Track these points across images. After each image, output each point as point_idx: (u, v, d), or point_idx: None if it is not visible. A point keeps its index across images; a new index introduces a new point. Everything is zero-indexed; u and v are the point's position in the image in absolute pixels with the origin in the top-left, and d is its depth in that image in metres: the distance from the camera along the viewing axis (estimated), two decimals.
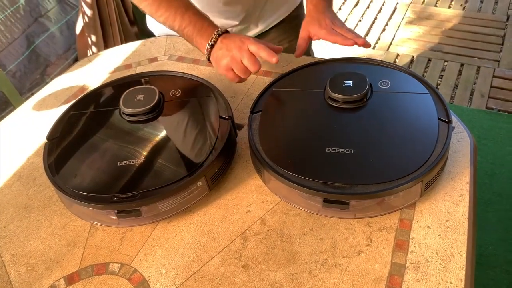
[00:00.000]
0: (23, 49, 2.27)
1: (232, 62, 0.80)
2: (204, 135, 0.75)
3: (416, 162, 0.65)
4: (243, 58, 0.79)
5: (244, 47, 0.79)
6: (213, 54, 0.83)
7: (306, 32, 0.93)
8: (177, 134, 0.77)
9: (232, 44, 0.80)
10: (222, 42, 0.82)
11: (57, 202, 0.76)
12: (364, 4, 2.66)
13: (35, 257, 0.69)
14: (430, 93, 0.75)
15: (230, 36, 0.82)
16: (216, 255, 0.66)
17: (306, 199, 0.67)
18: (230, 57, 0.80)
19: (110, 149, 0.75)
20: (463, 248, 0.62)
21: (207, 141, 0.74)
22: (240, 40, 0.80)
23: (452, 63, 2.19)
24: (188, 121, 0.78)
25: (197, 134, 0.76)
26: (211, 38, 0.82)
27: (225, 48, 0.81)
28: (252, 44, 0.79)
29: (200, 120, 0.78)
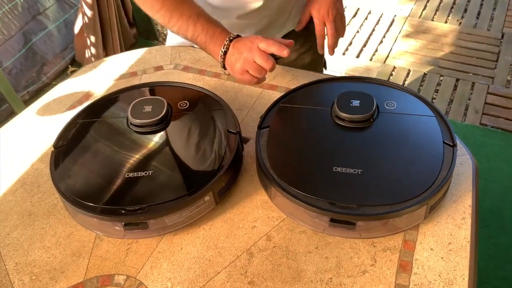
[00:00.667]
0: (20, 46, 2.26)
1: (245, 64, 0.81)
2: (212, 149, 0.76)
3: (422, 185, 0.67)
4: (255, 57, 0.80)
5: (254, 46, 0.80)
6: (227, 60, 0.84)
7: (309, 9, 1.03)
8: (185, 147, 0.77)
9: (243, 47, 0.81)
10: (234, 47, 0.83)
11: (62, 210, 0.76)
12: (363, 15, 2.68)
13: (39, 266, 0.69)
14: (436, 116, 0.77)
15: (241, 39, 0.84)
16: (222, 271, 0.66)
17: (313, 218, 0.68)
18: (242, 59, 0.81)
19: (117, 159, 0.75)
20: (466, 271, 0.64)
21: (215, 155, 0.74)
22: (250, 41, 0.81)
23: (448, 78, 2.22)
24: (196, 134, 0.79)
25: (205, 148, 0.76)
26: (223, 45, 0.83)
27: (237, 52, 0.82)
28: (262, 42, 0.80)
29: (208, 133, 0.79)
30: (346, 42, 2.49)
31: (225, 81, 0.98)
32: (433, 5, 2.71)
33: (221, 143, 0.76)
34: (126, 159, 0.74)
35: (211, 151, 0.75)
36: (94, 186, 0.72)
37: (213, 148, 0.76)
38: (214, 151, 0.75)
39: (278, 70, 0.99)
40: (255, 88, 0.96)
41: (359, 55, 2.41)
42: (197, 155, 0.76)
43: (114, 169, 0.73)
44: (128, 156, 0.75)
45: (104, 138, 0.78)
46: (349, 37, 2.53)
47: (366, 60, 2.38)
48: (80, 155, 0.76)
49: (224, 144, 0.75)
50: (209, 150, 0.76)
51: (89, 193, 0.70)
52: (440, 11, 2.67)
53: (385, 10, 2.70)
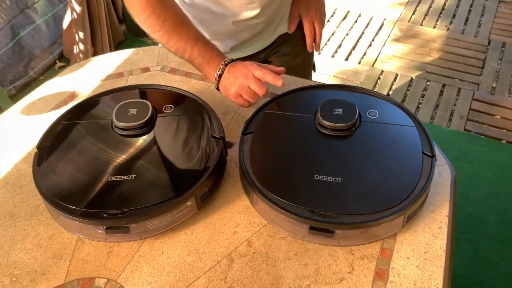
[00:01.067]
0: (7, 40, 2.23)
1: (240, 89, 0.85)
2: (195, 154, 0.76)
3: (400, 195, 0.68)
4: (250, 84, 0.83)
5: (249, 73, 0.83)
6: (222, 83, 0.88)
7: (296, 10, 1.08)
8: (169, 152, 0.77)
9: (238, 72, 0.84)
10: (229, 72, 0.86)
11: (44, 211, 0.76)
12: (353, 18, 2.70)
13: (19, 268, 0.69)
14: (416, 126, 0.78)
15: (236, 64, 0.87)
16: (202, 275, 0.67)
17: (293, 224, 0.69)
18: (238, 84, 0.84)
19: (100, 162, 0.75)
20: (440, 280, 0.65)
21: (198, 160, 0.75)
22: (245, 67, 0.84)
23: (434, 83, 2.25)
24: (180, 139, 0.79)
25: (188, 153, 0.77)
26: (218, 68, 0.87)
27: (232, 76, 0.85)
28: (257, 70, 0.83)
29: (192, 138, 0.79)
30: (335, 45, 2.50)
31: (211, 84, 0.99)
32: (422, 10, 2.74)
33: (204, 148, 0.77)
34: (109, 162, 0.75)
35: (195, 156, 0.76)
36: (76, 189, 0.72)
37: (197, 153, 0.76)
38: (198, 156, 0.76)
39: None
40: None
41: (348, 58, 2.43)
42: (180, 160, 0.76)
43: (97, 172, 0.73)
44: (111, 159, 0.75)
45: (88, 141, 0.79)
46: (338, 39, 2.54)
47: (354, 63, 2.39)
48: (64, 157, 0.76)
49: (208, 149, 0.76)
50: (193, 155, 0.76)
51: (71, 196, 0.71)
52: (429, 16, 2.69)
53: (375, 14, 2.72)
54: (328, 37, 2.56)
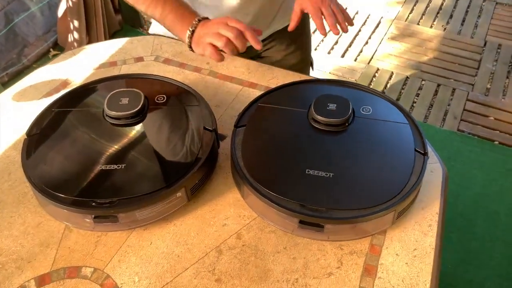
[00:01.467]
0: (1, 26, 2.21)
1: (214, 37, 0.82)
2: (187, 145, 0.76)
3: (391, 192, 0.68)
4: (227, 32, 0.80)
5: (227, 23, 0.81)
6: (194, 38, 0.85)
7: (299, 5, 0.96)
8: (160, 142, 0.77)
9: (214, 25, 0.82)
10: (202, 26, 0.84)
11: (32, 199, 0.76)
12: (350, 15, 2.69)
13: (5, 255, 0.69)
14: (409, 124, 0.78)
15: (209, 20, 0.84)
16: (189, 267, 0.67)
17: (282, 218, 0.69)
18: (211, 33, 0.82)
19: (90, 151, 0.74)
20: (428, 277, 0.65)
21: (189, 151, 0.74)
22: (221, 19, 0.82)
23: (429, 83, 2.25)
24: (172, 129, 0.79)
25: (180, 144, 0.76)
26: (192, 24, 0.85)
27: (205, 28, 0.83)
28: (234, 21, 0.81)
29: (184, 129, 0.79)
30: (332, 42, 2.50)
31: (205, 76, 0.98)
32: (420, 9, 2.74)
33: (196, 139, 0.76)
34: (99, 151, 0.74)
35: (186, 147, 0.75)
36: (65, 177, 0.71)
37: (188, 144, 0.76)
38: (189, 147, 0.75)
39: (258, 68, 1.00)
40: (235, 85, 0.96)
41: (344, 55, 2.43)
42: (171, 151, 0.76)
43: (86, 160, 0.73)
44: (101, 148, 0.75)
45: (78, 129, 0.78)
46: (335, 36, 2.54)
47: (350, 61, 2.39)
48: (53, 145, 0.76)
49: (200, 141, 0.76)
50: (184, 146, 0.76)
51: (60, 184, 0.70)
52: (426, 15, 2.69)
53: (372, 12, 2.72)
54: None
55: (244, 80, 0.97)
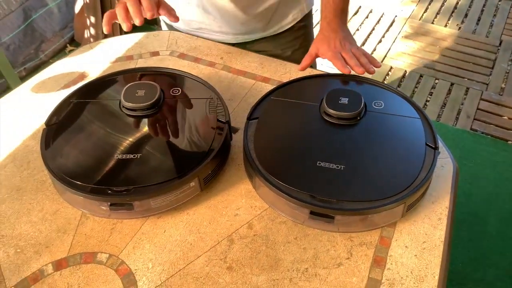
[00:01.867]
0: (19, 22, 2.25)
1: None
2: (200, 136, 0.77)
3: (401, 184, 0.69)
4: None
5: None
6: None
7: (315, 49, 0.95)
8: (174, 133, 0.78)
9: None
10: None
11: (50, 187, 0.78)
12: (364, 14, 2.69)
13: (24, 240, 0.71)
14: (421, 118, 0.78)
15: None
16: (202, 255, 0.68)
17: (293, 209, 0.70)
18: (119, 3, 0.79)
19: (107, 141, 0.76)
20: (437, 270, 0.66)
21: (203, 143, 0.76)
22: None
23: (443, 82, 2.24)
24: (186, 121, 0.80)
25: (194, 135, 0.78)
26: None
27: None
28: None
29: (198, 121, 0.80)
30: None
31: (219, 70, 1.00)
32: (434, 8, 2.72)
33: (210, 131, 0.78)
34: (115, 141, 0.76)
35: (200, 139, 0.77)
36: (82, 165, 0.73)
37: (202, 136, 0.77)
38: (203, 138, 0.77)
39: (271, 63, 1.01)
40: (248, 80, 0.97)
41: None
42: (185, 142, 0.77)
43: (103, 150, 0.75)
44: (118, 138, 0.76)
45: (95, 119, 0.80)
46: None
47: None
48: (71, 134, 0.78)
49: (213, 132, 0.77)
50: (198, 137, 0.77)
51: (77, 172, 0.72)
52: (441, 14, 2.68)
53: (386, 10, 2.71)
54: None
55: (257, 74, 0.98)
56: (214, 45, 1.07)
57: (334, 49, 0.91)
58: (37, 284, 0.66)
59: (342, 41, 0.93)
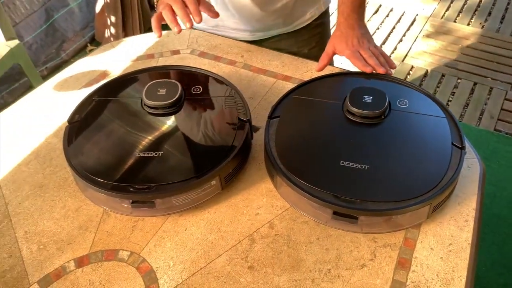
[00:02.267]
0: (41, 22, 2.29)
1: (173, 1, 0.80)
2: (221, 135, 0.77)
3: (427, 185, 0.67)
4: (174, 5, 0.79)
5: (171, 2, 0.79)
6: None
7: (331, 47, 0.92)
8: (196, 131, 0.78)
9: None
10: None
11: (72, 184, 0.78)
12: (384, 13, 2.66)
13: (47, 237, 0.71)
14: (447, 117, 0.77)
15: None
16: (223, 253, 0.68)
17: (316, 209, 0.69)
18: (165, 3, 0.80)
19: (128, 138, 0.76)
20: (463, 273, 0.64)
21: (224, 141, 0.76)
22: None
23: (465, 81, 2.20)
24: (207, 120, 0.80)
25: (215, 133, 0.77)
26: None
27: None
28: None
29: (219, 119, 0.80)
30: None
31: (239, 69, 0.99)
32: (456, 6, 2.67)
33: (231, 130, 0.77)
34: (137, 139, 0.76)
35: (221, 137, 0.77)
36: (104, 163, 0.74)
37: (223, 134, 0.77)
38: (224, 137, 0.76)
39: (292, 62, 1.00)
40: (269, 78, 0.96)
41: None
42: (206, 140, 0.77)
43: (125, 147, 0.75)
44: (139, 136, 0.76)
45: (117, 117, 0.80)
46: None
47: None
48: (93, 132, 0.78)
49: (234, 131, 0.76)
50: (219, 136, 0.77)
51: (99, 169, 0.72)
52: (464, 13, 2.63)
53: (407, 9, 2.67)
54: None
55: (278, 73, 0.97)
56: (235, 43, 1.06)
57: (352, 47, 0.89)
58: (60, 281, 0.66)
59: (360, 39, 0.90)
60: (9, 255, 0.69)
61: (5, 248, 0.70)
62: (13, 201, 0.76)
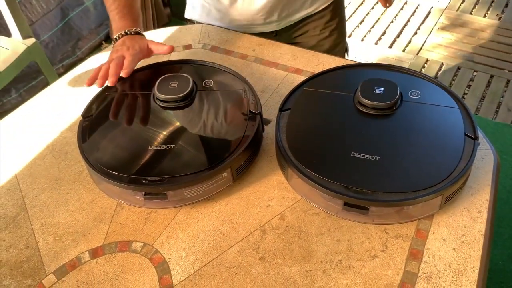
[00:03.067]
0: (57, 20, 2.32)
1: (109, 57, 0.87)
2: (232, 127, 0.77)
3: (439, 175, 0.67)
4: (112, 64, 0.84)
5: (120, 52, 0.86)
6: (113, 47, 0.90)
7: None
8: (207, 124, 0.79)
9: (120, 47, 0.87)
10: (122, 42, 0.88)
11: (87, 177, 0.80)
12: (398, 6, 2.63)
13: (63, 228, 0.73)
14: (459, 108, 0.76)
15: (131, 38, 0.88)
16: (234, 245, 0.68)
17: (327, 200, 0.69)
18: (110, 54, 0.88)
19: (141, 132, 0.77)
20: (476, 264, 0.64)
21: (235, 134, 0.76)
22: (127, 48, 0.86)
23: (482, 74, 2.17)
24: (219, 113, 0.80)
25: (226, 126, 0.78)
26: (120, 32, 0.89)
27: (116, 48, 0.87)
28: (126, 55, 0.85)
29: (230, 112, 0.80)
30: (379, 32, 2.45)
31: (251, 62, 0.99)
32: None
33: (242, 122, 0.77)
34: (150, 132, 0.77)
35: (232, 130, 0.77)
36: (118, 156, 0.75)
37: (234, 127, 0.77)
38: (235, 129, 0.77)
39: (304, 55, 1.00)
40: (280, 71, 0.96)
41: (391, 45, 2.38)
42: (218, 133, 0.77)
43: (138, 140, 0.76)
44: (152, 129, 0.77)
45: (129, 111, 0.81)
46: (383, 27, 2.49)
47: (398, 51, 2.34)
48: (107, 126, 0.79)
49: (245, 123, 0.77)
50: (230, 129, 0.77)
51: (113, 162, 0.73)
52: (480, 4, 2.59)
53: (421, 1, 2.64)
54: (372, 24, 2.51)
55: (289, 66, 0.97)
56: (246, 37, 1.06)
57: None
58: (75, 271, 0.67)
59: None
60: (26, 246, 0.71)
61: (22, 240, 0.72)
62: (30, 194, 0.78)
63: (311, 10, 1.10)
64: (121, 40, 0.89)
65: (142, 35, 0.92)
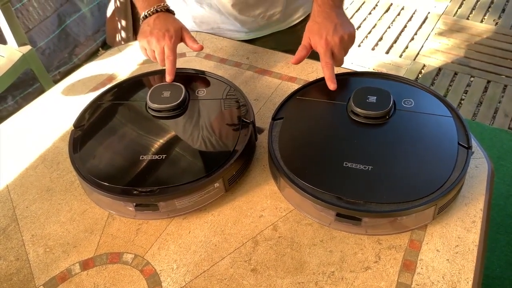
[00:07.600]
0: (54, 27, 2.32)
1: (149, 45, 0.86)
2: (225, 137, 0.77)
3: (432, 186, 0.66)
4: (155, 49, 0.84)
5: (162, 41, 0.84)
6: (142, 25, 0.88)
7: (307, 39, 0.84)
8: (199, 134, 0.78)
9: (156, 30, 0.85)
10: (153, 20, 0.86)
11: (78, 188, 0.79)
12: (395, 11, 2.63)
13: (53, 240, 0.72)
14: (453, 117, 0.75)
15: (163, 18, 0.86)
16: (226, 256, 0.68)
17: (319, 211, 0.69)
18: (147, 40, 0.86)
19: (133, 142, 0.77)
20: (470, 275, 0.63)
21: (227, 143, 0.75)
22: (163, 34, 0.84)
23: (479, 79, 2.16)
24: (211, 122, 0.80)
25: (218, 136, 0.77)
26: (149, 9, 0.87)
27: (150, 29, 0.85)
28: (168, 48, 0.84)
29: (223, 121, 0.80)
30: (376, 37, 2.45)
31: (245, 70, 0.99)
32: (469, 4, 2.63)
33: (234, 131, 0.77)
34: (141, 142, 0.76)
35: (225, 139, 0.77)
36: (109, 167, 0.74)
37: (227, 136, 0.77)
38: (228, 139, 0.76)
39: None
40: (274, 79, 0.96)
41: (388, 51, 2.38)
42: (210, 142, 0.77)
43: (129, 151, 0.75)
44: (143, 139, 0.77)
45: (122, 121, 0.81)
46: (379, 32, 2.49)
47: (395, 57, 2.34)
48: (98, 136, 0.79)
49: (238, 133, 0.76)
50: (223, 138, 0.77)
51: (104, 173, 0.73)
52: (477, 10, 2.59)
53: (419, 7, 2.64)
54: (369, 30, 2.51)
55: (283, 74, 0.97)
56: (240, 45, 1.06)
57: (326, 45, 0.80)
58: (65, 283, 0.67)
59: (336, 32, 0.80)
60: (16, 258, 0.70)
61: (12, 251, 0.71)
62: (21, 204, 0.77)
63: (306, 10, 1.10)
64: (152, 19, 0.86)
65: (172, 13, 0.89)
